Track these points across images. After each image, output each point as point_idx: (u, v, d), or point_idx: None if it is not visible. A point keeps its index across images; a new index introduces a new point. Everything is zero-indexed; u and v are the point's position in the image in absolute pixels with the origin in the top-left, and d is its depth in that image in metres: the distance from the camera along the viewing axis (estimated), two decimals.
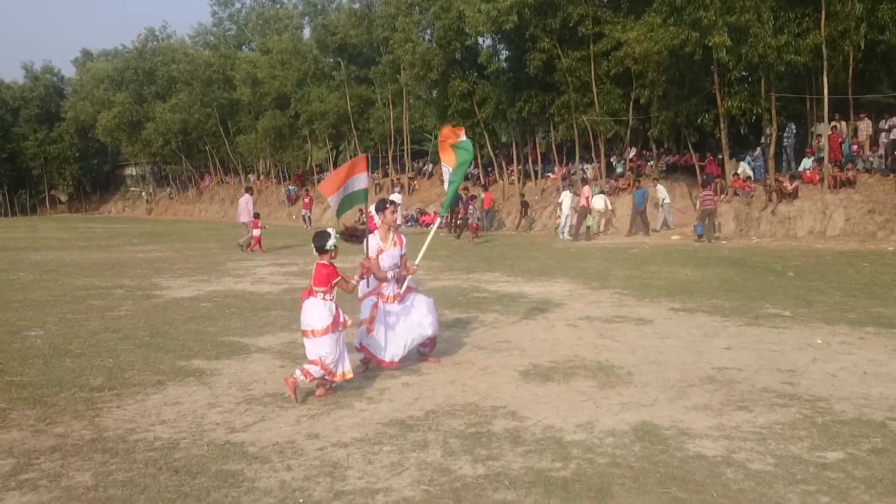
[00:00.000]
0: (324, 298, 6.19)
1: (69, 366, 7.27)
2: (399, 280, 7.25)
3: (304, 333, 6.25)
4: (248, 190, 25.35)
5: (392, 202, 7.72)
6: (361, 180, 7.26)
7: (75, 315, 10.32)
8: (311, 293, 6.24)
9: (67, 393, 6.27)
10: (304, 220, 37.83)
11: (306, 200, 39.03)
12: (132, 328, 9.30)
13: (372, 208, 7.45)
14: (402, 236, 7.45)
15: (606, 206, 26.03)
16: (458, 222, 27.79)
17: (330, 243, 6.31)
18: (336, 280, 6.27)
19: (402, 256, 7.27)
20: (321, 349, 6.10)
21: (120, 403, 5.99)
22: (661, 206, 25.28)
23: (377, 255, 7.05)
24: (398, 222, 24.55)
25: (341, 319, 6.24)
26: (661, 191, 25.34)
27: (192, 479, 4.40)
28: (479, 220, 26.42)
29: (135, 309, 10.89)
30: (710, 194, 22.52)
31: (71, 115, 66.48)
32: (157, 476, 4.46)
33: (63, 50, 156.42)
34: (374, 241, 7.08)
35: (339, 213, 7.24)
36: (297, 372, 6.09)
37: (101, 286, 13.53)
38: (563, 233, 25.33)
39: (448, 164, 8.14)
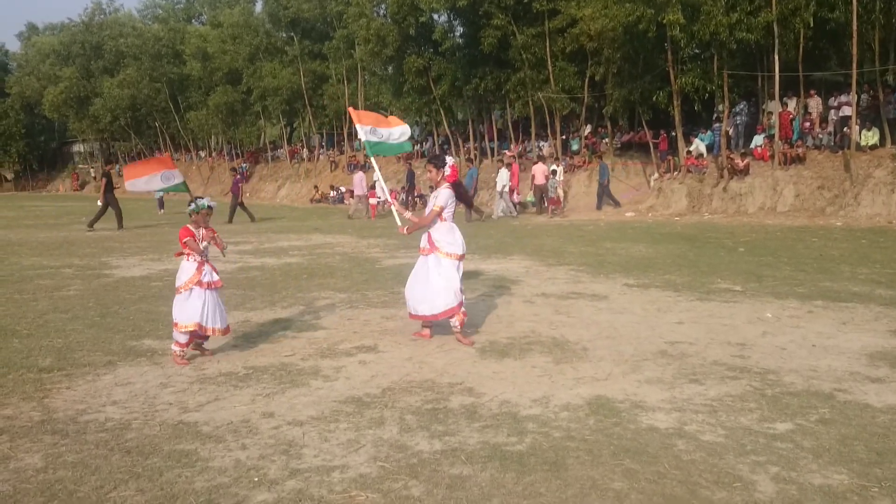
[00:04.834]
0: None
1: (17, 347, 7.11)
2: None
3: None
4: (361, 167, 27.59)
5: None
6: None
7: (23, 295, 10.09)
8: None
9: (16, 374, 6.13)
10: (159, 203, 32.09)
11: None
12: (82, 308, 9.13)
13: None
14: None
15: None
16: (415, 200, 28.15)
17: (190, 208, 6.76)
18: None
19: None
20: None
21: (70, 384, 5.88)
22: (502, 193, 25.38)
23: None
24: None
25: None
26: (504, 176, 25.39)
27: (145, 460, 4.34)
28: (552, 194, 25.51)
29: (84, 288, 10.68)
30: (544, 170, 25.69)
31: (16, 91, 64.78)
32: (108, 457, 4.39)
33: (7, 24, 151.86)
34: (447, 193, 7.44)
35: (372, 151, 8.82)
36: None
37: (49, 265, 13.24)
38: (497, 210, 25.13)
39: (380, 126, 8.82)
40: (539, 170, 25.58)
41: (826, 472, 4.06)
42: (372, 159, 9.33)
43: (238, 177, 27.05)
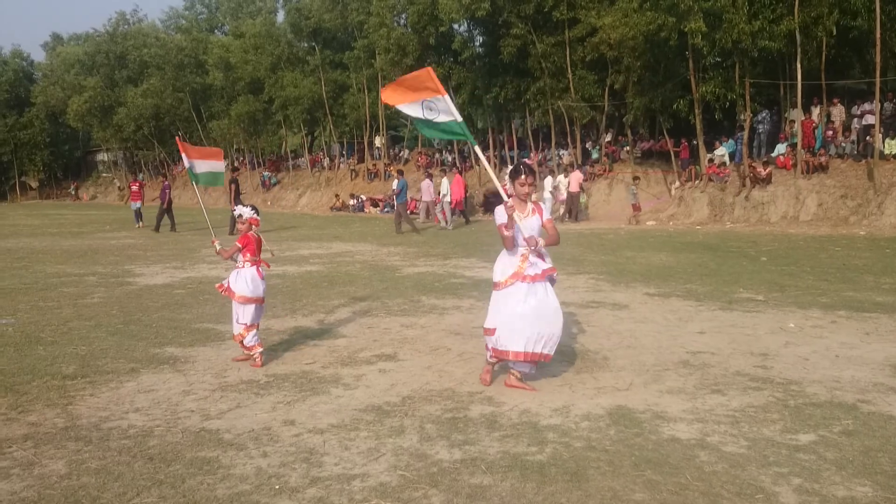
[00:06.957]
0: None
1: (41, 354, 7.19)
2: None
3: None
4: (429, 176, 28.06)
5: (529, 169, 6.21)
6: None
7: (47, 303, 10.20)
8: None
9: (40, 381, 6.20)
10: (136, 215, 28.11)
11: (134, 189, 29.77)
12: (105, 316, 9.21)
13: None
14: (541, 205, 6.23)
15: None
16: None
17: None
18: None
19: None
20: None
21: (93, 391, 5.93)
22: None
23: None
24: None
25: None
26: (444, 184, 26.03)
27: (167, 467, 4.37)
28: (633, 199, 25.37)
29: (108, 296, 10.78)
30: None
31: (41, 100, 65.44)
32: (131, 464, 4.43)
33: (32, 34, 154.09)
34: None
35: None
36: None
37: (73, 273, 13.37)
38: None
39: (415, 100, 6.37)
40: (575, 178, 25.73)
41: (849, 485, 4.02)
42: (478, 150, 6.84)
43: (166, 183, 27.57)
